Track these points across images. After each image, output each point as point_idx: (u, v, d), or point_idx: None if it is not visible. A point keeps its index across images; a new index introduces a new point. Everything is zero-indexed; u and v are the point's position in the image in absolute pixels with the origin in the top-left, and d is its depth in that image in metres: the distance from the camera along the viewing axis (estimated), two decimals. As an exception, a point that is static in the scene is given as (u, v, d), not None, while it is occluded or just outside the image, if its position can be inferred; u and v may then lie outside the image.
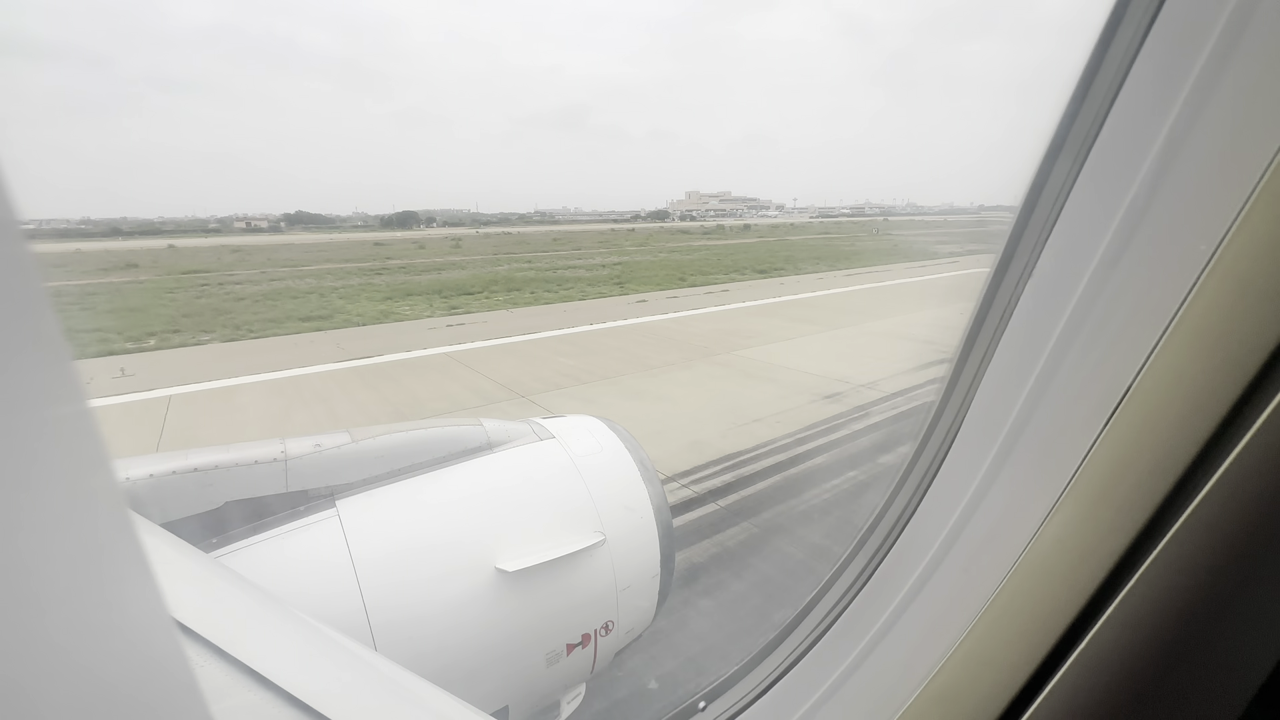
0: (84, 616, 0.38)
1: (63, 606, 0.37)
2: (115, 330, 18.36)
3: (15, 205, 0.34)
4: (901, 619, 0.91)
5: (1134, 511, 0.63)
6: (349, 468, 2.33)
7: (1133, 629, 0.64)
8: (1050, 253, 0.75)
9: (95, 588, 0.39)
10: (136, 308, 23.69)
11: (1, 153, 0.35)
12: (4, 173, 0.34)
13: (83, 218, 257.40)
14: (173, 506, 2.02)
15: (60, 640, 0.37)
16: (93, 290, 29.19)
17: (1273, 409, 0.54)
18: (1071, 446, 0.69)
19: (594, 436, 2.95)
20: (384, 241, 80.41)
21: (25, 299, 0.34)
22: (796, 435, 9.01)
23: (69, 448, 0.37)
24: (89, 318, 21.88)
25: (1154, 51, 0.63)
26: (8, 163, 0.35)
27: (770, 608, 5.30)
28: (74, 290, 28.47)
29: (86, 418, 0.38)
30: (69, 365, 0.37)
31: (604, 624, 2.62)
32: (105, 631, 0.40)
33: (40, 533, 0.36)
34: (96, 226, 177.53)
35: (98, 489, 0.39)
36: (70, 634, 0.37)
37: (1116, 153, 0.67)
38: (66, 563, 0.37)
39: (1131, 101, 0.66)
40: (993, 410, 0.81)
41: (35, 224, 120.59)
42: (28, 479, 0.34)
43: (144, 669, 0.44)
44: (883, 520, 1.02)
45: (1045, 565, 0.71)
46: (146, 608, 0.44)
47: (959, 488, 0.85)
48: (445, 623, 2.15)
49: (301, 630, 1.27)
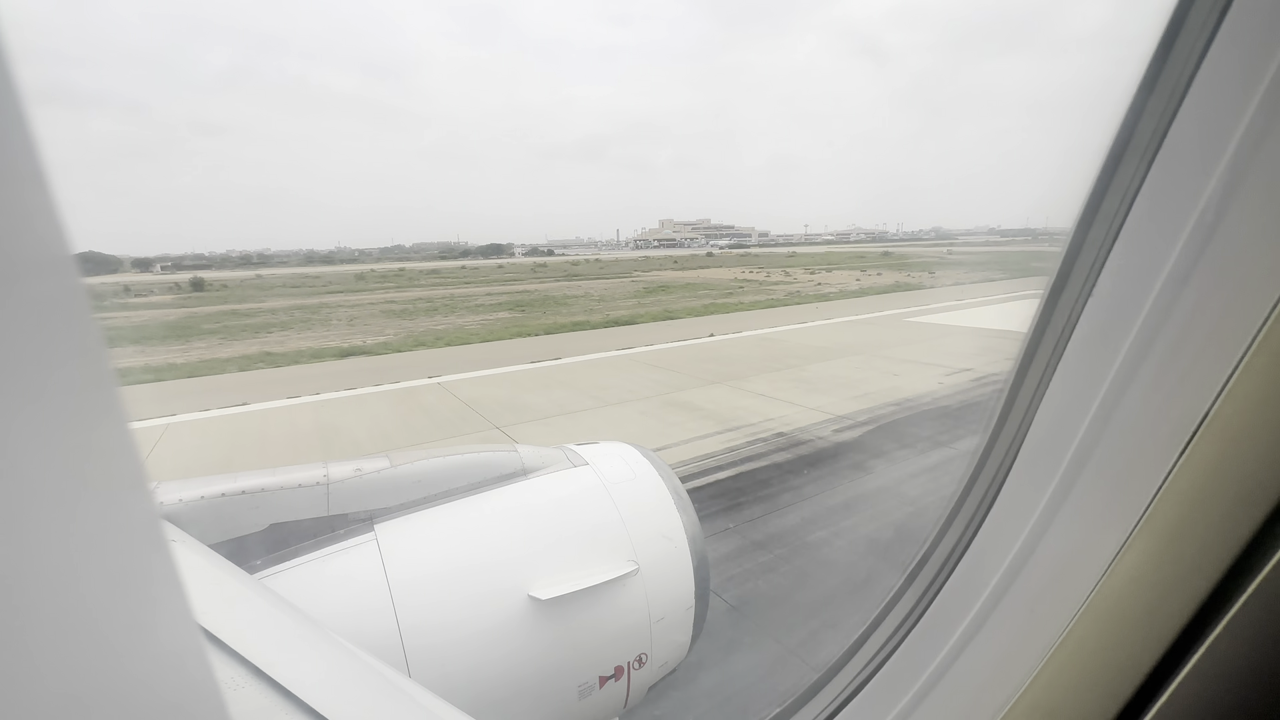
0: (113, 635, 0.39)
1: (92, 623, 0.37)
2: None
3: (65, 236, 0.36)
4: (956, 663, 0.86)
5: (1219, 549, 0.58)
6: (388, 492, 2.37)
7: (1221, 682, 0.58)
8: (1110, 272, 0.71)
9: (125, 607, 0.39)
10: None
11: (61, 192, 0.37)
12: (59, 209, 0.36)
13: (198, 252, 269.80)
14: (221, 528, 2.08)
15: (87, 659, 0.37)
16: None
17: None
18: (1144, 478, 0.65)
19: (627, 464, 2.93)
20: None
21: (69, 318, 0.36)
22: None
23: (106, 465, 0.38)
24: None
25: (1222, 52, 0.60)
26: (67, 201, 0.38)
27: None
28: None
29: (125, 436, 0.40)
30: (110, 384, 0.38)
31: (637, 656, 2.55)
32: (133, 652, 0.40)
33: (73, 548, 0.36)
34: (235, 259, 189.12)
35: (132, 507, 0.40)
36: (98, 652, 0.38)
37: (1181, 163, 0.64)
38: (97, 578, 0.38)
39: (1198, 108, 0.62)
40: (1053, 438, 0.77)
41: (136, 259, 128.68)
42: (62, 493, 0.35)
43: (172, 690, 0.44)
44: (935, 552, 0.97)
45: (1119, 607, 0.65)
46: (177, 629, 0.44)
47: (1018, 519, 0.80)
48: (478, 649, 2.13)
49: (337, 654, 1.28)
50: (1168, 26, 0.65)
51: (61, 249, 0.36)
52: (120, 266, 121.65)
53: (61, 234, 0.36)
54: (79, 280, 0.37)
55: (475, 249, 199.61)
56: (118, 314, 36.12)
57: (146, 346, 23.58)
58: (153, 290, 53.14)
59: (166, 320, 31.74)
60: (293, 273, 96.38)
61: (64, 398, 0.35)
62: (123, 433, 0.40)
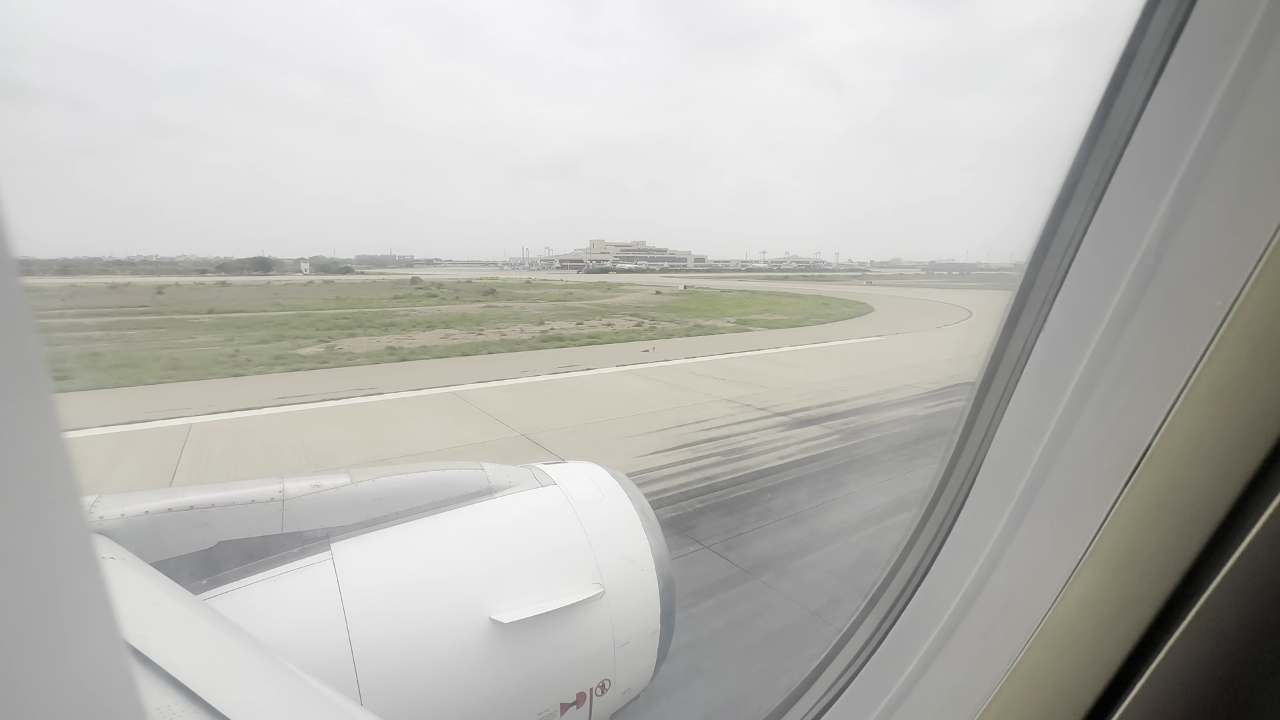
0: (24, 658, 0.36)
1: (3, 639, 0.35)
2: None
3: (6, 236, 0.35)
4: (915, 690, 0.86)
5: (1162, 576, 0.60)
6: (346, 510, 2.28)
7: (1165, 704, 0.60)
8: (1061, 307, 0.74)
9: (41, 628, 0.37)
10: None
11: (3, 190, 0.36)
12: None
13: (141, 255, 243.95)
14: (166, 545, 1.98)
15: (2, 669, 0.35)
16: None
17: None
18: (1091, 506, 0.67)
19: (596, 484, 2.90)
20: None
21: (8, 330, 0.34)
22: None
23: (32, 475, 0.36)
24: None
25: (1162, 104, 0.64)
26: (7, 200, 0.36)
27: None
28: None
29: (57, 446, 0.38)
30: (46, 395, 0.36)
31: (600, 682, 2.50)
32: (48, 676, 0.38)
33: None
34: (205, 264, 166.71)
35: (58, 520, 0.38)
36: (7, 669, 0.35)
37: (1125, 207, 0.67)
38: (9, 596, 0.35)
39: (1140, 156, 0.66)
40: (1007, 469, 0.79)
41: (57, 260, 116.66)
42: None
43: (91, 718, 0.41)
44: (894, 579, 0.98)
45: (1070, 632, 0.67)
46: (101, 652, 0.41)
47: (974, 547, 0.81)
48: (435, 676, 2.06)
49: (282, 679, 1.22)
50: (1113, 74, 0.69)
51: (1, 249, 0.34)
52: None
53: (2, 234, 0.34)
54: (15, 282, 0.35)
55: (237, 263, 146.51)
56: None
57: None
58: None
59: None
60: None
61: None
62: (54, 443, 0.38)
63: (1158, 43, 0.63)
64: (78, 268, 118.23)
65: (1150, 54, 0.64)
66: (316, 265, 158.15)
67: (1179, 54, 0.61)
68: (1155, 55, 0.63)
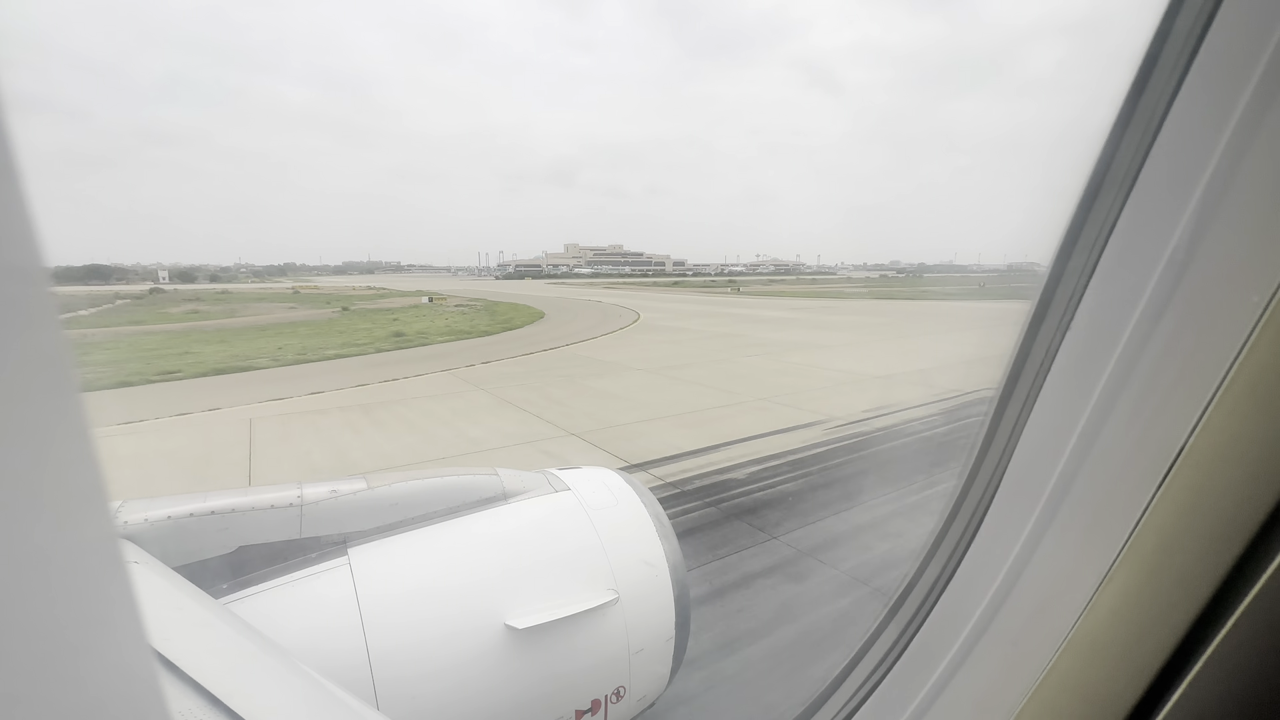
0: (56, 660, 0.37)
1: (32, 647, 0.35)
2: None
3: (35, 241, 0.35)
4: (942, 696, 0.84)
5: (1198, 583, 0.58)
6: (363, 515, 2.30)
7: (1202, 717, 0.58)
8: (1087, 308, 0.73)
9: (73, 631, 0.37)
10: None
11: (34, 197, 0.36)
12: (30, 214, 0.35)
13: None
14: (187, 549, 2.01)
15: (25, 685, 0.35)
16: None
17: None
18: (1122, 510, 0.65)
19: (610, 489, 2.89)
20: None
21: (32, 325, 0.34)
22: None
23: (62, 479, 0.37)
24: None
25: (1193, 95, 0.62)
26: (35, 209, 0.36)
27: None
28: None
29: (87, 450, 0.38)
30: (73, 395, 0.37)
31: (615, 689, 2.48)
32: (78, 678, 0.38)
33: (18, 566, 0.34)
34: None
35: (88, 524, 0.38)
36: (38, 678, 0.36)
37: (1155, 199, 0.66)
38: (43, 599, 0.36)
39: (1170, 148, 0.64)
40: (1033, 471, 0.77)
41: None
42: (10, 506, 0.34)
43: (119, 710, 0.41)
44: (916, 586, 0.96)
45: (1102, 640, 0.65)
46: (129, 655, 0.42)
47: (1001, 551, 0.79)
48: (450, 681, 2.06)
49: (300, 683, 1.23)
50: (1139, 68, 0.68)
51: (30, 254, 0.35)
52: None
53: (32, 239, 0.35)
54: (45, 287, 0.36)
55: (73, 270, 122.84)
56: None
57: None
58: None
59: None
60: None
61: (21, 407, 0.34)
62: (84, 446, 0.38)
63: (1189, 28, 0.61)
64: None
65: (1181, 40, 0.62)
66: (202, 275, 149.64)
67: (1210, 41, 0.60)
68: (1186, 42, 0.62)
